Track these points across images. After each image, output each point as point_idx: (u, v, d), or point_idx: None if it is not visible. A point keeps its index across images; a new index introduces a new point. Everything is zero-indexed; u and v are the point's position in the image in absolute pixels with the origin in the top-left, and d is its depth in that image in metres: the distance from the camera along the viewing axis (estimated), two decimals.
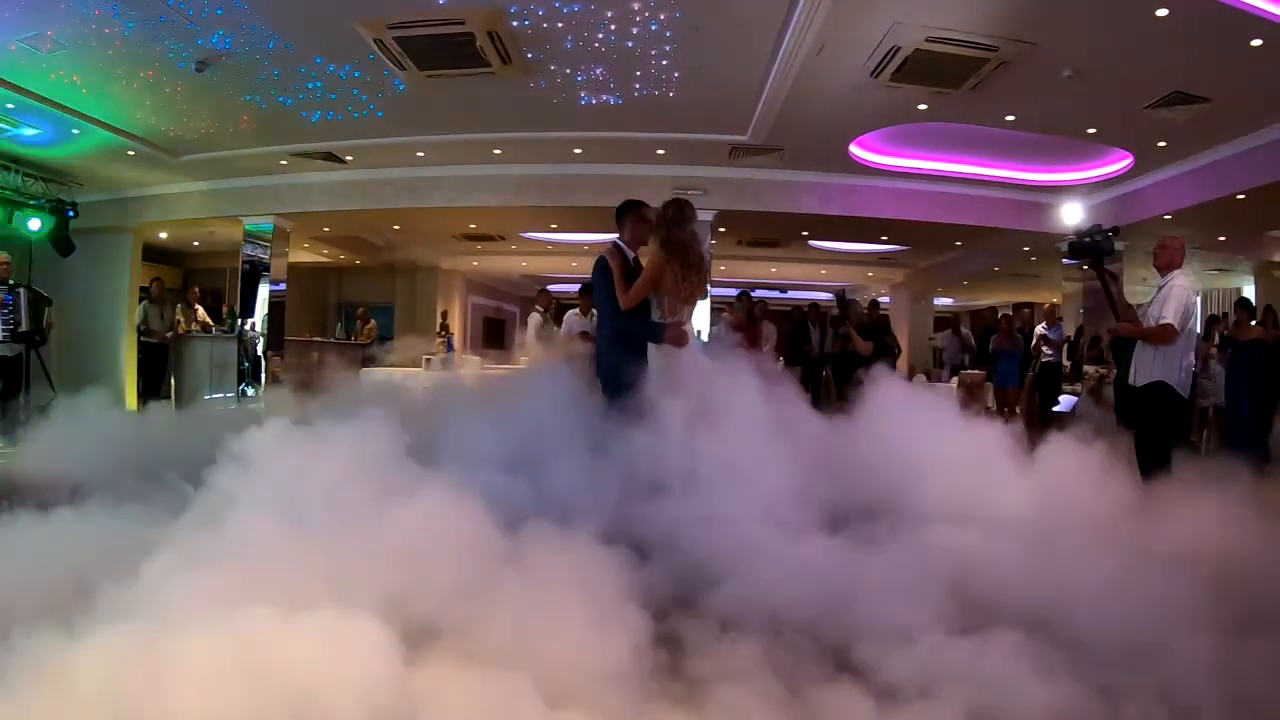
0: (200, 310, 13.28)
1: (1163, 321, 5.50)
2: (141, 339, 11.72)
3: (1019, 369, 11.01)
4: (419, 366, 10.94)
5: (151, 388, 11.63)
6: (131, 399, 12.13)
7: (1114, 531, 3.71)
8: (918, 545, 3.45)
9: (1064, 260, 6.49)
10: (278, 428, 3.35)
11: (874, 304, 12.98)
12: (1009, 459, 4.33)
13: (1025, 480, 4.25)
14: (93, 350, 13.02)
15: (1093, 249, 6.04)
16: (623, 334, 4.81)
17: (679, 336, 4.61)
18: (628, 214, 5.08)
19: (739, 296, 9.85)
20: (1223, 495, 3.81)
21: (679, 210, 4.75)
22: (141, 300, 12.06)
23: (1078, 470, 4.21)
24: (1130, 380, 5.85)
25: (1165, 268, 5.74)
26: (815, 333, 10.87)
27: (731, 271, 17.63)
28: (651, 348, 4.61)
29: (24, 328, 9.04)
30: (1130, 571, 3.08)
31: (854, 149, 10.34)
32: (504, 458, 3.99)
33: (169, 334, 11.75)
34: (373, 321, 15.27)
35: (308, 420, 3.81)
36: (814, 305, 11.07)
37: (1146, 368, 5.63)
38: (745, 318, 9.58)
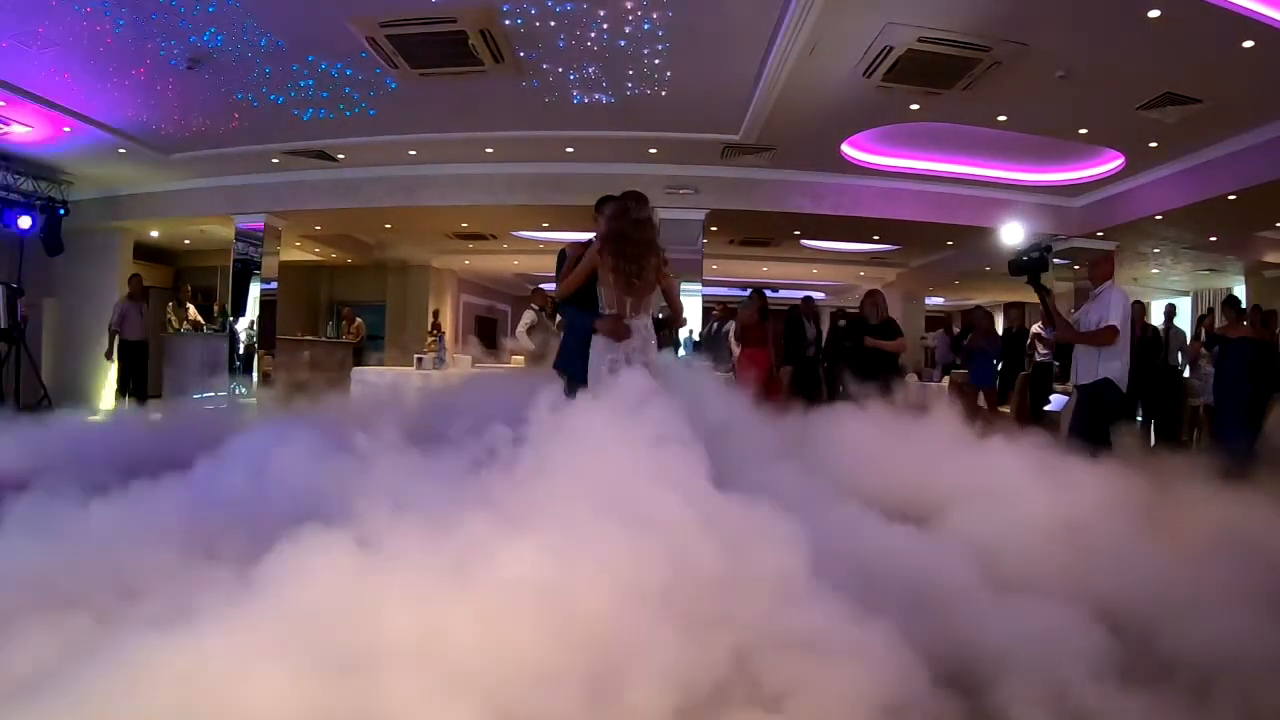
0: (192, 309, 13.27)
1: (1108, 324, 6.04)
2: (121, 339, 11.55)
3: (993, 368, 10.92)
4: (411, 365, 10.89)
5: (138, 388, 11.56)
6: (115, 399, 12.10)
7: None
8: None
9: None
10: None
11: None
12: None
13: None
14: (83, 349, 12.97)
15: (1032, 265, 6.54)
16: (569, 324, 5.09)
17: (612, 329, 4.61)
18: (596, 211, 5.19)
19: (751, 295, 9.68)
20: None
21: (621, 203, 4.75)
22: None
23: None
24: (1072, 380, 6.45)
25: (1101, 279, 6.39)
26: (810, 329, 10.65)
27: (723, 271, 17.61)
28: (597, 339, 4.68)
29: (3, 325, 9.00)
30: None
31: (846, 148, 10.35)
32: None
33: (150, 335, 11.65)
34: (358, 320, 15.21)
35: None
36: (808, 299, 10.84)
37: (1091, 366, 6.17)
38: (756, 315, 9.48)
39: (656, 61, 7.82)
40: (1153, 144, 9.31)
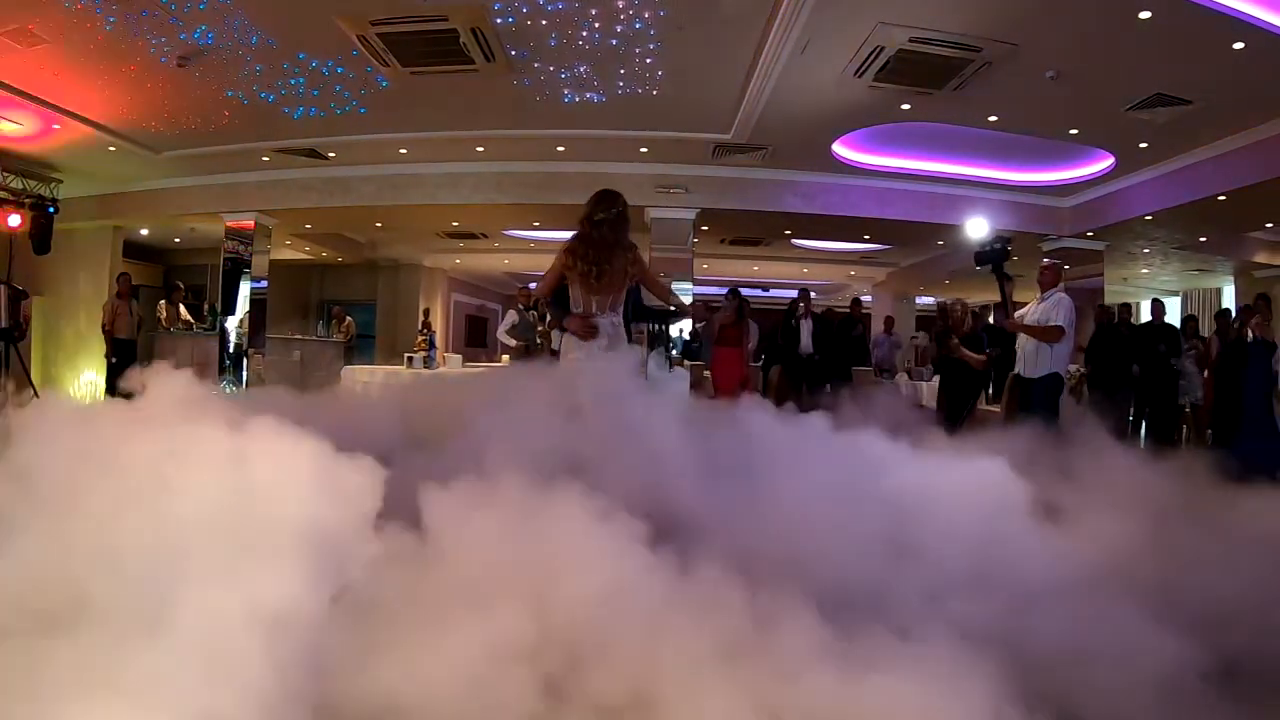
0: (182, 308, 13.21)
1: (1055, 324, 6.65)
2: (114, 338, 11.49)
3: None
4: (401, 364, 10.87)
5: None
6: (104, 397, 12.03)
7: None
8: None
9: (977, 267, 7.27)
10: None
11: (856, 301, 12.98)
12: None
13: None
14: (74, 348, 12.92)
15: (995, 255, 7.00)
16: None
17: (577, 327, 4.60)
18: None
19: (728, 294, 9.66)
20: None
21: (588, 205, 4.68)
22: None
23: None
24: (1019, 371, 6.99)
25: (1048, 285, 6.97)
26: (807, 326, 10.53)
27: (714, 270, 17.65)
28: (566, 337, 4.71)
29: (3, 324, 8.96)
30: None
31: (837, 148, 10.36)
32: None
33: (136, 332, 11.56)
34: (349, 319, 15.16)
35: None
36: (805, 292, 10.64)
37: (1034, 361, 6.77)
38: (734, 315, 9.47)
39: (648, 61, 7.82)
40: (1143, 145, 9.35)
